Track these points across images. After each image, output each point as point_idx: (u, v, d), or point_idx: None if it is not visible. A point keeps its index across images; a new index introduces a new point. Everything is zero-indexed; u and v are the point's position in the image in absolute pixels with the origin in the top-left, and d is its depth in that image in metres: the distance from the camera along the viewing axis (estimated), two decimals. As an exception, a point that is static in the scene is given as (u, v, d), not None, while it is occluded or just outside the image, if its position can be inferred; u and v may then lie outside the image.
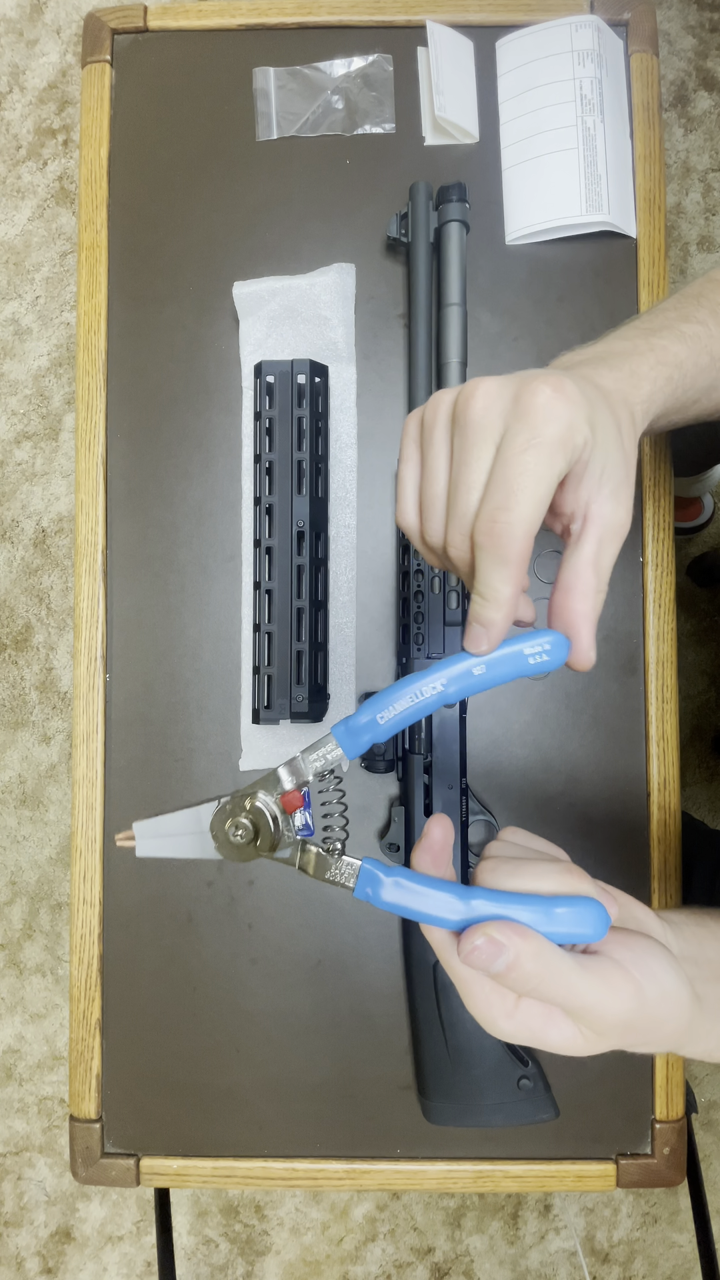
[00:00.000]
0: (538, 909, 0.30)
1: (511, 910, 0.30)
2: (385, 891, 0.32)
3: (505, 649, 0.32)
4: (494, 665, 0.32)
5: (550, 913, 0.30)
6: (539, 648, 0.32)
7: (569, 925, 0.30)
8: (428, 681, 0.32)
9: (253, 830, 0.34)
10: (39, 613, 1.25)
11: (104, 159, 0.64)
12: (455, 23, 0.63)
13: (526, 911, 0.30)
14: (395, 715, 0.32)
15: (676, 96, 1.25)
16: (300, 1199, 1.17)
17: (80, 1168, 0.60)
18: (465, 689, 0.32)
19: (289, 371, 0.58)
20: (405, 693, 0.32)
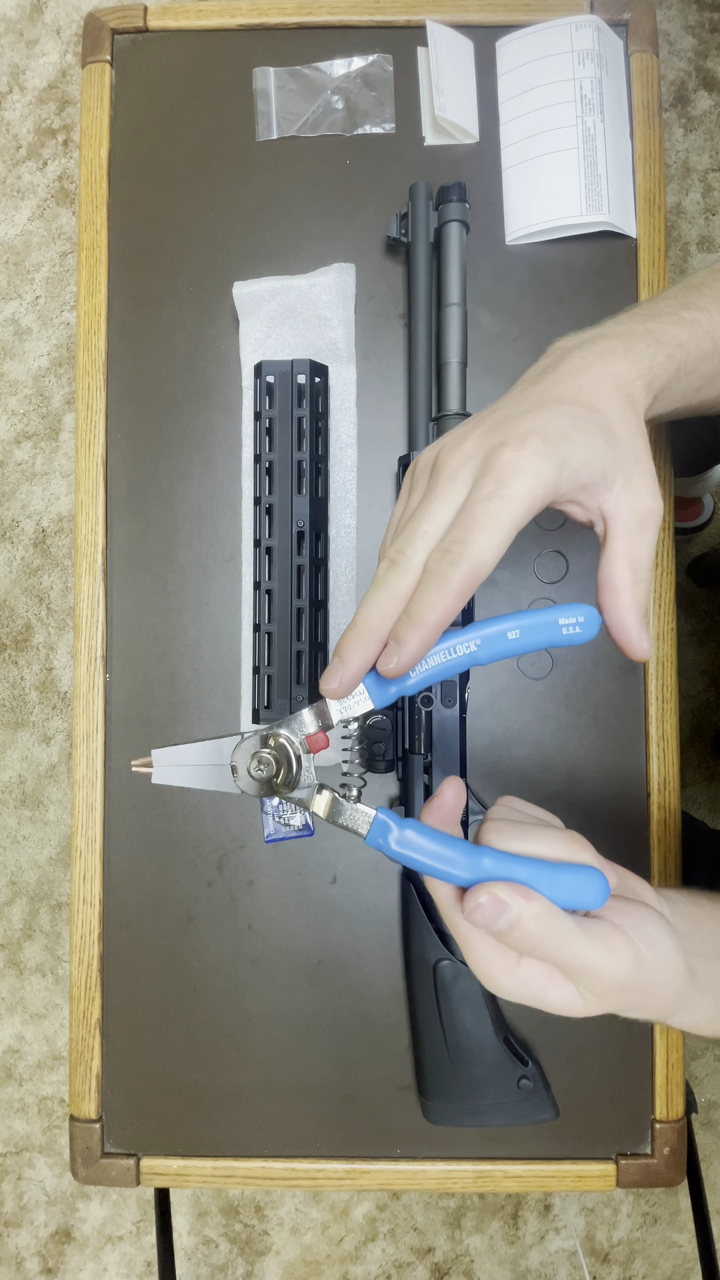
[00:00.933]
0: (542, 872, 0.31)
1: (517, 871, 0.30)
2: (396, 842, 0.32)
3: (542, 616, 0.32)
4: (528, 632, 0.32)
5: (554, 877, 0.30)
6: (573, 619, 0.32)
7: (571, 891, 0.30)
8: (462, 640, 0.32)
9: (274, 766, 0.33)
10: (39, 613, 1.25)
11: (104, 159, 0.64)
12: (455, 23, 0.63)
13: (531, 874, 0.30)
14: (426, 670, 0.32)
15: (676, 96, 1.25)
16: (300, 1199, 1.17)
17: (80, 1168, 0.60)
18: (497, 652, 0.32)
19: (289, 371, 0.58)
20: (439, 648, 0.32)
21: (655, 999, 0.33)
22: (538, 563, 0.61)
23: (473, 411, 0.59)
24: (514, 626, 0.32)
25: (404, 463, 0.57)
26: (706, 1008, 0.35)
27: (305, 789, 0.34)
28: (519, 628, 0.32)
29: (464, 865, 0.31)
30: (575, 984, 0.32)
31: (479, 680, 0.60)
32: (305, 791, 0.34)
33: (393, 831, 0.32)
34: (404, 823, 0.32)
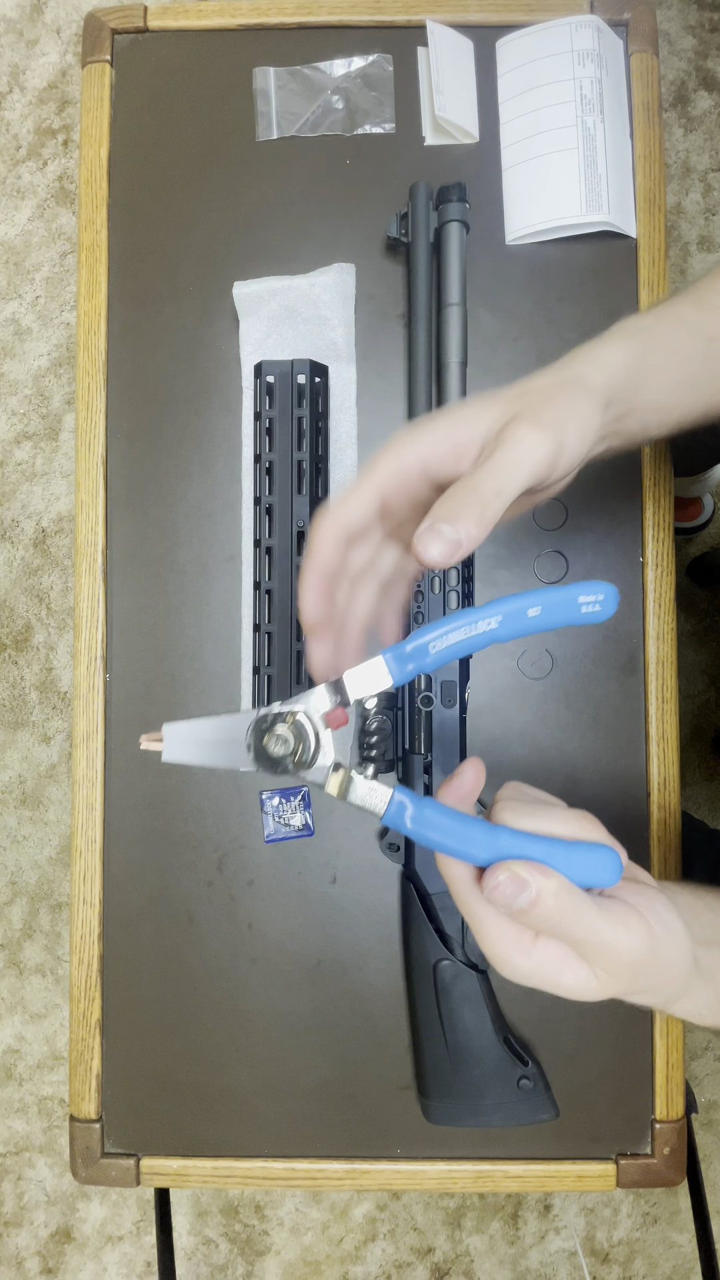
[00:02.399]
0: (558, 850, 0.30)
1: (534, 849, 0.30)
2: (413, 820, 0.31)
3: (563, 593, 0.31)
4: (549, 609, 0.31)
5: (570, 855, 0.30)
6: (593, 597, 0.31)
7: (587, 869, 0.31)
8: (483, 616, 0.31)
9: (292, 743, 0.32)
10: (39, 613, 1.25)
11: (104, 159, 0.64)
12: (455, 23, 0.63)
13: (547, 851, 0.30)
14: (446, 646, 0.32)
15: (676, 96, 1.25)
16: (300, 1199, 1.17)
17: (80, 1168, 0.60)
18: (517, 630, 0.32)
19: (289, 371, 0.58)
20: (460, 624, 0.32)
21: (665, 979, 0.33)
22: (537, 563, 0.61)
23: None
24: (535, 604, 0.31)
25: (404, 463, 0.57)
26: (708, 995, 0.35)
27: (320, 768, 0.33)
28: (540, 604, 0.31)
29: (482, 844, 0.30)
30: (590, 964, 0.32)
31: (479, 680, 0.60)
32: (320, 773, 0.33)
33: (410, 810, 0.31)
34: (421, 801, 0.32)
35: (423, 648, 0.32)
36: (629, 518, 0.61)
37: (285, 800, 0.60)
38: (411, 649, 0.32)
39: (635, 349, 0.37)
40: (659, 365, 0.37)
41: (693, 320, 0.39)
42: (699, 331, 0.39)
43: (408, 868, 0.57)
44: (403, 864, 0.58)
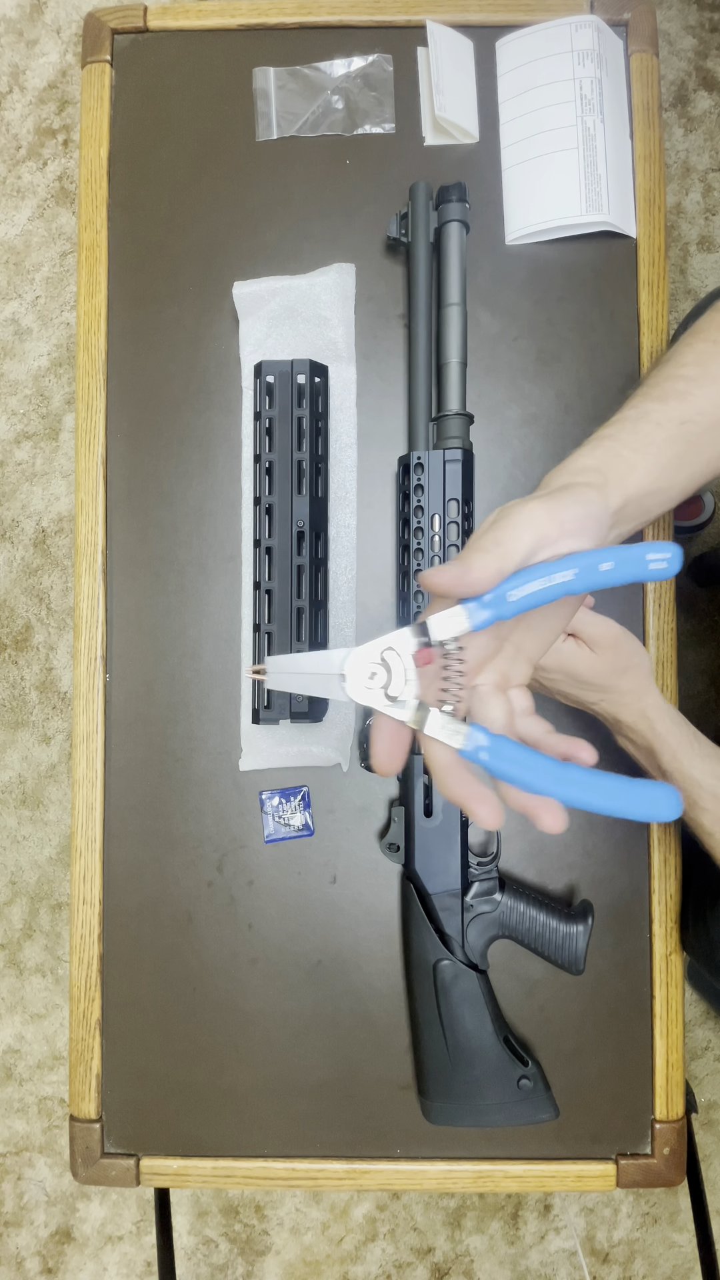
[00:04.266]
0: (623, 787, 0.33)
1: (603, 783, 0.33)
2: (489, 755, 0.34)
3: (633, 551, 0.33)
4: (621, 564, 0.33)
5: (633, 791, 0.33)
6: (660, 555, 0.33)
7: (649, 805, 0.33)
8: (560, 569, 0.34)
9: (386, 677, 0.34)
10: (39, 613, 1.25)
11: (104, 159, 0.64)
12: (455, 23, 0.63)
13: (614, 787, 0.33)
14: (524, 594, 0.34)
15: (676, 96, 1.25)
16: (300, 1199, 1.17)
17: (80, 1168, 0.60)
18: (591, 583, 0.34)
19: (289, 371, 0.58)
20: (538, 576, 0.34)
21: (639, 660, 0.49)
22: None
23: (473, 411, 0.59)
24: (608, 559, 0.33)
25: (404, 463, 0.57)
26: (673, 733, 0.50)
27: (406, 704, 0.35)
28: (612, 560, 0.33)
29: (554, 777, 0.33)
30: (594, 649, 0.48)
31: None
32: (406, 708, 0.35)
33: (487, 744, 0.34)
34: (496, 738, 0.34)
35: (500, 597, 0.34)
36: (629, 518, 0.61)
37: (285, 800, 0.60)
38: (490, 598, 0.34)
39: (603, 453, 0.41)
40: (633, 461, 0.40)
41: (657, 413, 0.42)
42: (667, 420, 0.42)
43: (408, 868, 0.57)
44: (403, 864, 0.58)
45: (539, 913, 0.56)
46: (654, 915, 0.60)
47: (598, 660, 0.48)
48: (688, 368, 0.44)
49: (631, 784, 0.33)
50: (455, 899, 0.56)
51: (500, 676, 0.38)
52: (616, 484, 0.39)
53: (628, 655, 0.49)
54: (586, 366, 0.62)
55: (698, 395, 0.43)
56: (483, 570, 0.33)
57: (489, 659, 0.38)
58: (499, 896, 0.56)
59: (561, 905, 0.58)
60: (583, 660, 0.48)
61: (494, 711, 0.36)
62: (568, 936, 0.56)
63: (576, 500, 0.36)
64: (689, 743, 0.50)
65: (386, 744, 0.36)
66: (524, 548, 0.34)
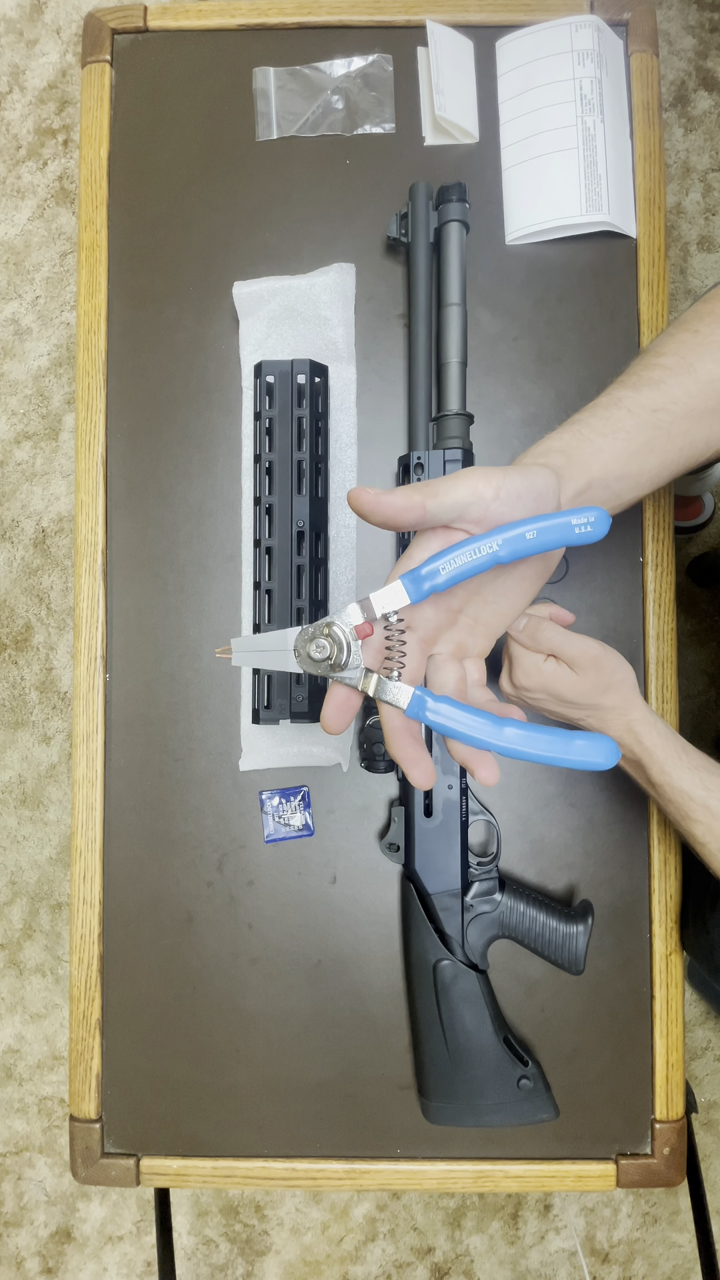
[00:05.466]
0: (559, 739, 0.36)
1: (538, 739, 0.36)
2: (431, 712, 0.37)
3: (557, 518, 0.35)
4: (544, 531, 0.35)
5: (569, 743, 0.35)
6: (585, 519, 0.35)
7: (583, 754, 0.35)
8: (486, 542, 0.36)
9: (328, 650, 0.38)
10: (39, 613, 1.25)
11: (104, 159, 0.64)
12: (455, 23, 0.63)
13: (549, 741, 0.36)
14: (455, 568, 0.36)
15: (676, 96, 1.25)
16: (300, 1199, 1.17)
17: (80, 1168, 0.60)
18: (517, 551, 0.35)
19: (289, 371, 0.58)
20: (465, 550, 0.36)
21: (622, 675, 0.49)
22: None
23: (473, 411, 0.59)
24: (531, 528, 0.35)
25: (404, 463, 0.57)
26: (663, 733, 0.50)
27: (354, 671, 0.38)
28: (535, 528, 0.35)
29: (490, 732, 0.36)
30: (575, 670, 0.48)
31: (479, 680, 0.60)
32: (354, 674, 0.38)
33: (428, 704, 0.37)
34: (439, 698, 0.37)
35: (434, 570, 0.36)
36: (629, 517, 0.61)
37: (285, 800, 0.60)
38: (426, 571, 0.36)
39: (570, 435, 0.42)
40: (600, 445, 0.42)
41: (629, 400, 0.43)
42: (639, 407, 0.43)
43: (408, 868, 0.57)
44: (403, 864, 0.58)
45: (539, 913, 0.56)
46: (654, 915, 0.60)
47: (579, 680, 0.48)
48: (666, 357, 0.44)
49: (567, 735, 0.36)
50: (455, 899, 0.56)
51: (456, 646, 0.41)
52: (580, 465, 0.41)
53: (609, 672, 0.49)
54: (586, 366, 0.62)
55: (672, 384, 0.43)
56: (404, 499, 0.36)
57: (443, 630, 0.41)
58: (499, 896, 0.56)
59: (561, 905, 0.58)
60: (564, 681, 0.48)
61: (447, 677, 0.40)
62: (568, 936, 0.56)
63: (522, 474, 0.37)
64: (677, 755, 0.50)
65: (337, 706, 0.39)
66: (453, 499, 0.36)
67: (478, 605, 0.41)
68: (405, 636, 0.39)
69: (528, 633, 0.49)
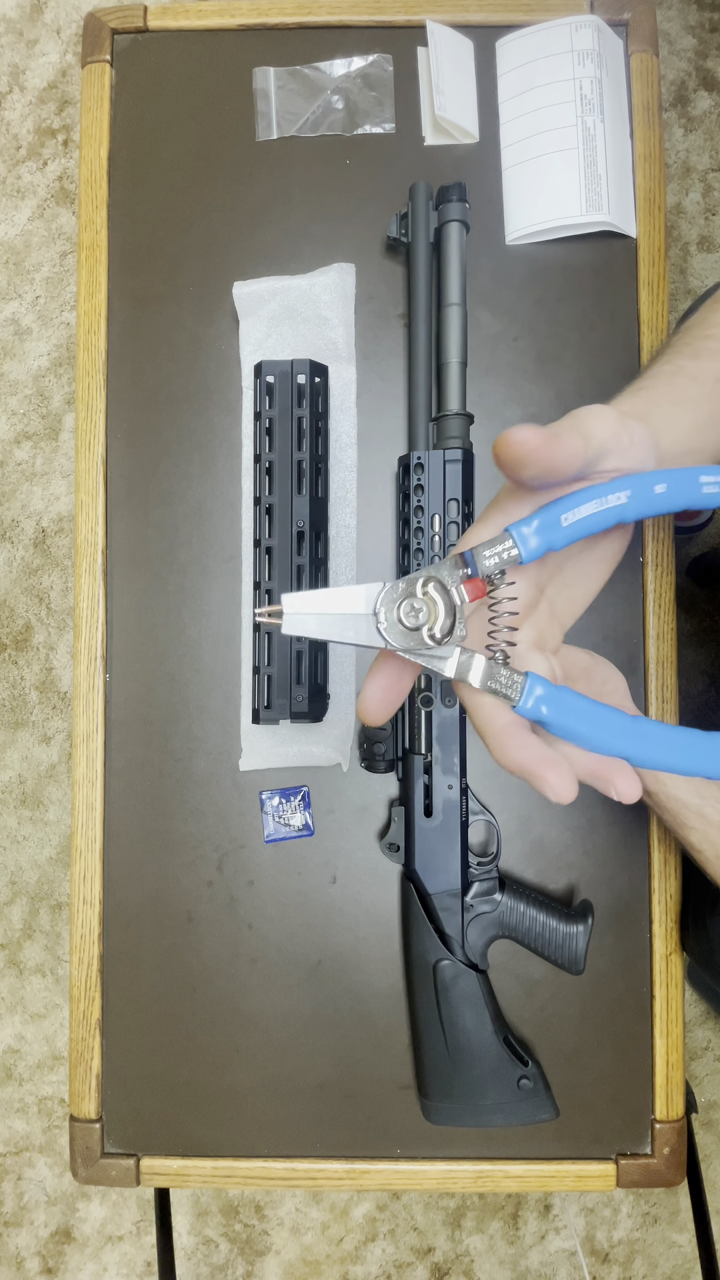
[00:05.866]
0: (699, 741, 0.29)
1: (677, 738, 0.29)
2: (550, 708, 0.29)
3: (686, 473, 0.30)
4: (675, 487, 0.30)
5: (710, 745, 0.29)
6: (715, 478, 0.30)
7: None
8: (613, 492, 0.30)
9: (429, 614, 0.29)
10: (39, 613, 1.25)
11: (104, 159, 0.64)
12: (455, 23, 0.63)
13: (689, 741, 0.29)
14: (578, 519, 0.30)
15: (676, 96, 1.25)
16: (300, 1199, 1.17)
17: (80, 1168, 0.60)
18: (645, 508, 0.30)
19: (289, 371, 0.58)
20: (591, 499, 0.30)
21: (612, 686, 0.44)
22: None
23: (473, 411, 0.59)
24: (661, 481, 0.30)
25: (404, 463, 0.57)
26: None
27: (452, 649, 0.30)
28: (665, 482, 0.30)
29: (627, 734, 0.29)
30: None
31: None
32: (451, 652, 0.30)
33: (547, 696, 0.29)
34: (558, 688, 0.29)
35: (554, 521, 0.29)
36: (629, 518, 0.61)
37: (285, 800, 0.60)
38: (539, 523, 0.29)
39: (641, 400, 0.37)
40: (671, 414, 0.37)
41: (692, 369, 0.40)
42: (703, 376, 0.39)
43: (408, 868, 0.57)
44: (403, 864, 0.58)
45: (539, 913, 0.56)
46: (654, 915, 0.60)
47: None
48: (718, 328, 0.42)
49: (710, 738, 0.29)
50: (455, 899, 0.56)
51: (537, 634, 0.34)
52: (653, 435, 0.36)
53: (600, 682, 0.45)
54: (586, 366, 0.62)
55: None
56: (570, 445, 0.29)
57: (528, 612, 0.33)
58: (499, 896, 0.56)
59: (561, 905, 0.58)
60: None
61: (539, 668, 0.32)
62: (568, 936, 0.56)
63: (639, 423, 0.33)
64: None
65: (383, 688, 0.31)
66: (599, 439, 0.30)
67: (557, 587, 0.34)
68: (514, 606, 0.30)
69: None
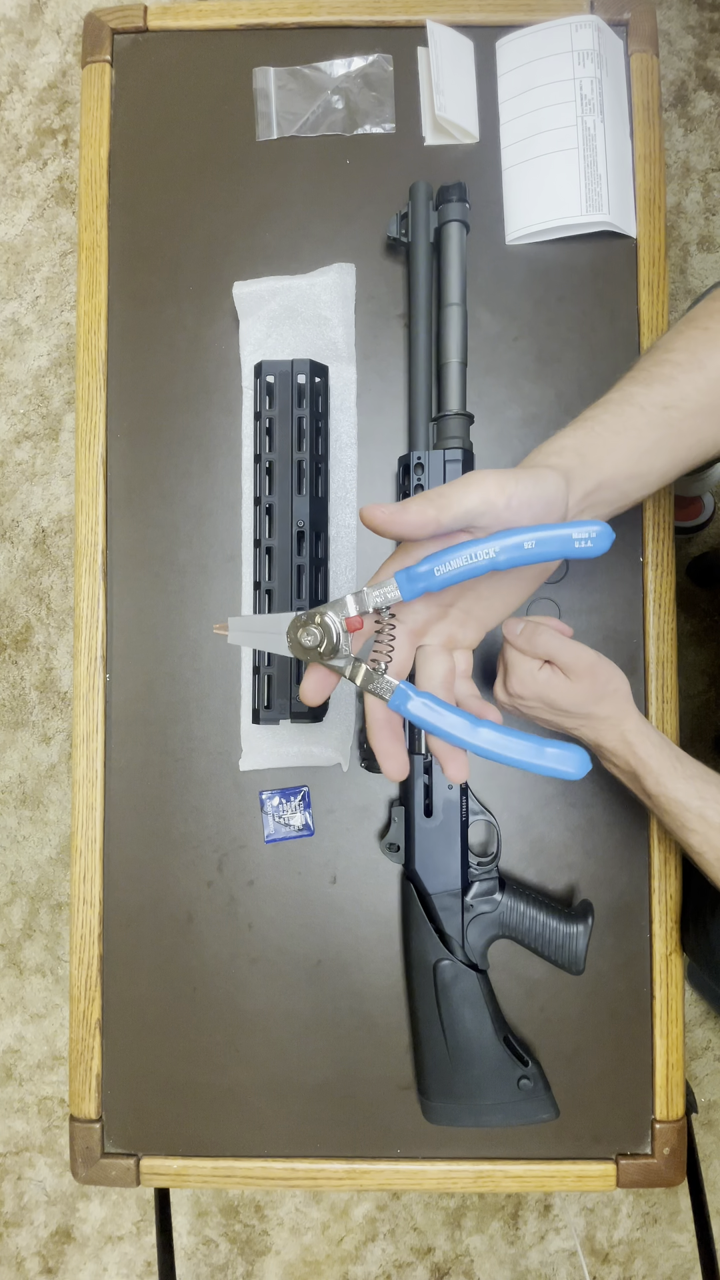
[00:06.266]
0: (531, 744, 0.36)
1: (511, 742, 0.36)
2: (413, 706, 0.38)
3: (558, 530, 0.35)
4: (544, 542, 0.35)
5: (541, 750, 0.36)
6: (586, 534, 0.35)
7: (555, 762, 0.36)
8: (483, 547, 0.36)
9: (319, 638, 0.39)
10: (39, 613, 1.24)
11: (104, 159, 0.64)
12: (455, 23, 0.63)
13: (523, 746, 0.36)
14: (450, 571, 0.36)
15: (676, 96, 1.25)
16: (300, 1199, 1.17)
17: (80, 1168, 0.60)
18: (515, 559, 0.35)
19: (289, 371, 0.58)
20: (463, 554, 0.36)
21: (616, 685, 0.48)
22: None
23: (473, 411, 0.59)
24: (530, 537, 0.35)
25: (404, 463, 0.57)
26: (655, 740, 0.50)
27: (343, 660, 0.39)
28: (535, 538, 0.35)
29: (467, 731, 0.37)
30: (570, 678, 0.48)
31: (480, 681, 0.60)
32: (343, 663, 0.39)
33: (410, 699, 0.38)
34: (420, 694, 0.38)
35: (429, 572, 0.36)
36: (629, 518, 0.61)
37: (285, 800, 0.60)
38: (421, 571, 0.36)
39: (583, 433, 0.42)
40: (613, 443, 0.41)
41: (640, 397, 0.43)
42: (650, 404, 0.42)
43: (408, 868, 0.57)
44: (403, 864, 0.58)
45: (539, 913, 0.56)
46: (654, 915, 0.60)
47: (574, 688, 0.48)
48: (676, 353, 0.44)
49: (541, 741, 0.36)
50: (455, 899, 0.56)
51: (446, 638, 0.41)
52: (593, 465, 0.41)
53: (604, 681, 0.48)
54: (586, 366, 0.62)
55: (683, 380, 0.43)
56: (418, 515, 0.35)
57: (433, 622, 0.41)
58: (499, 896, 0.56)
59: (561, 905, 0.58)
60: (558, 688, 0.48)
61: (435, 668, 0.40)
62: (568, 936, 0.56)
63: (533, 480, 0.37)
64: (671, 765, 0.49)
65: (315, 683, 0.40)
66: (464, 508, 0.36)
67: (471, 600, 0.41)
68: (395, 630, 0.39)
69: (525, 637, 0.48)
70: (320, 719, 0.58)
